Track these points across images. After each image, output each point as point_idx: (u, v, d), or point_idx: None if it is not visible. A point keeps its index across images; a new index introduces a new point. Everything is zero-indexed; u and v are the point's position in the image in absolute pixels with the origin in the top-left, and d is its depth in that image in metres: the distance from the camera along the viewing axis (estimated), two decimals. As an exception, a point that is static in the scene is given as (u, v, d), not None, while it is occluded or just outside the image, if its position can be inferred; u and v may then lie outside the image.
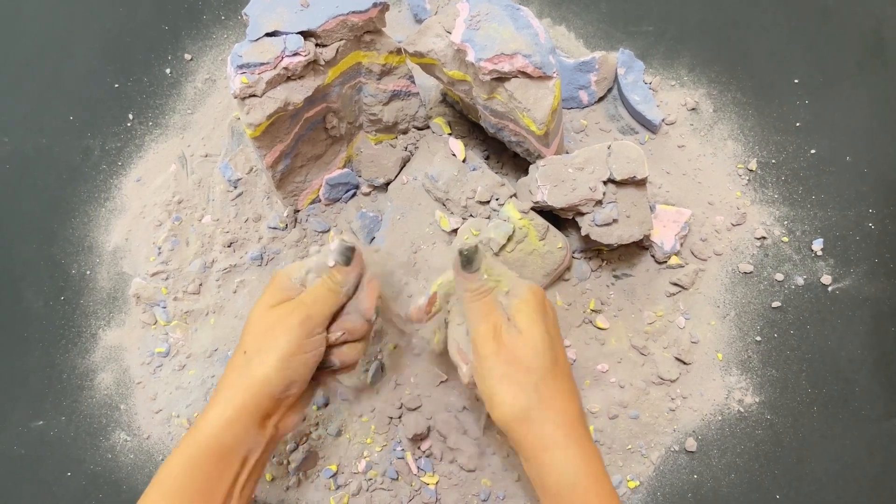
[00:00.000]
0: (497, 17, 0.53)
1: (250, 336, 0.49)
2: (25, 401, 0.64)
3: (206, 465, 0.46)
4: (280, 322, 0.48)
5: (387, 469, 0.59)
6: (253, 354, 0.48)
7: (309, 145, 0.62)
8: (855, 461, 0.59)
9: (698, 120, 0.70)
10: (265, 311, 0.49)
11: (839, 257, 0.65)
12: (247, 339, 0.49)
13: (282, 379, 0.47)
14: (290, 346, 0.47)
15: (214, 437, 0.46)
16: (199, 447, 0.46)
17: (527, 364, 0.46)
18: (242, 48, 0.53)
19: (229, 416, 0.46)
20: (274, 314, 0.49)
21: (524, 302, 0.48)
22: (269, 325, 0.48)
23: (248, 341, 0.48)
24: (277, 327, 0.48)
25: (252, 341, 0.48)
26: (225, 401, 0.47)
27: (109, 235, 0.69)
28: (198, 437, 0.46)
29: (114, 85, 0.74)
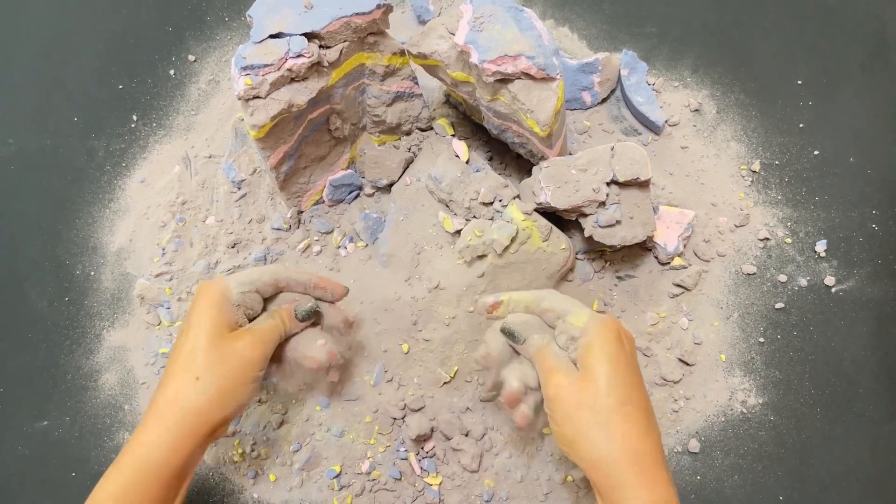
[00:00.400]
0: (500, 19, 0.53)
1: (203, 361, 0.48)
2: (30, 401, 0.64)
3: (151, 489, 0.46)
4: (237, 354, 0.49)
5: (390, 470, 0.59)
6: (208, 383, 0.48)
7: (312, 146, 0.62)
8: (858, 462, 0.59)
9: (701, 121, 0.70)
10: (219, 338, 0.49)
11: (842, 259, 0.65)
12: (198, 363, 0.48)
13: (237, 408, 0.49)
14: (246, 378, 0.49)
15: (163, 461, 0.46)
16: (143, 471, 0.46)
17: (592, 405, 0.45)
18: (246, 50, 0.53)
19: (178, 441, 0.47)
20: (230, 345, 0.49)
21: (590, 343, 0.47)
22: (225, 355, 0.49)
23: (200, 366, 0.48)
24: (234, 359, 0.49)
25: (207, 368, 0.48)
26: (174, 424, 0.47)
27: (113, 236, 0.69)
28: (142, 461, 0.46)
29: (118, 86, 0.74)
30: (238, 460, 0.60)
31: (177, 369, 0.48)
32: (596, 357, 0.46)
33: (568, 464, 0.59)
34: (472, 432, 0.59)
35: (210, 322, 0.49)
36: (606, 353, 0.46)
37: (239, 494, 0.60)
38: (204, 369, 0.48)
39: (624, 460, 0.44)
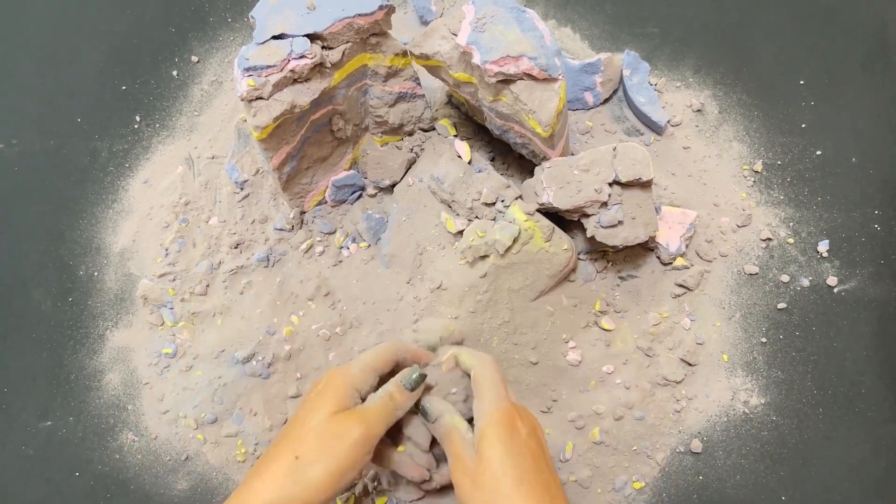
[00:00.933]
0: (503, 20, 0.53)
1: (309, 443, 0.48)
2: (34, 401, 0.64)
3: None
4: (342, 435, 0.48)
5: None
6: (309, 462, 0.47)
7: (315, 147, 0.62)
8: (860, 462, 0.59)
9: (704, 121, 0.70)
10: (327, 418, 0.49)
11: (845, 259, 0.65)
12: (305, 444, 0.48)
13: (335, 491, 0.48)
14: (348, 460, 0.48)
15: None
16: None
17: (488, 488, 0.47)
18: (249, 51, 0.54)
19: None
20: (336, 425, 0.48)
21: (483, 430, 0.49)
22: (331, 435, 0.48)
23: (305, 447, 0.47)
24: (339, 440, 0.48)
25: (310, 449, 0.48)
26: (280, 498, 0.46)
27: (117, 237, 0.69)
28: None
29: (121, 87, 0.74)
30: (241, 460, 0.61)
31: (282, 445, 0.48)
32: (488, 443, 0.48)
33: (570, 465, 0.59)
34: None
35: (321, 406, 0.49)
36: (498, 438, 0.48)
37: (242, 494, 0.60)
38: (306, 449, 0.48)
39: None
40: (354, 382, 0.51)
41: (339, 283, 0.64)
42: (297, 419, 0.50)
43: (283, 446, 0.48)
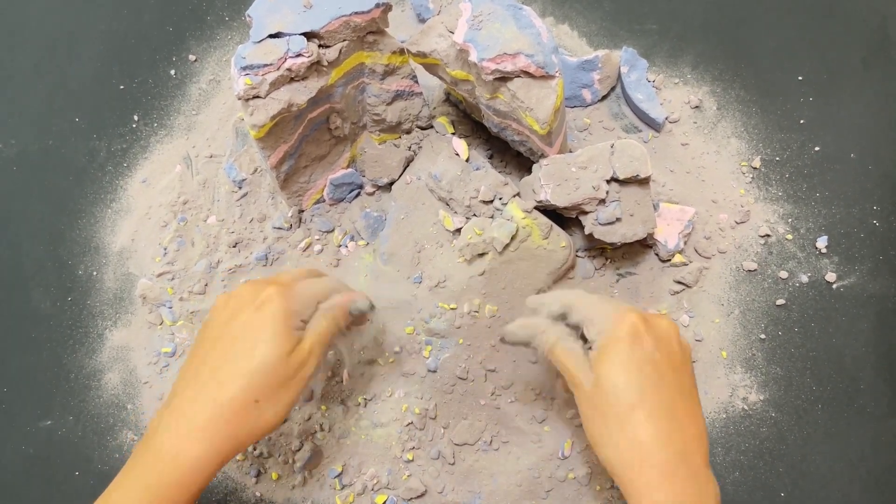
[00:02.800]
0: (500, 17, 0.53)
1: (267, 388, 0.46)
2: (33, 401, 0.65)
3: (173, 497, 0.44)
4: (297, 374, 0.47)
5: (390, 470, 0.59)
6: (267, 405, 0.46)
7: (313, 146, 0.62)
8: (859, 458, 0.59)
9: (702, 118, 0.70)
10: (284, 360, 0.46)
11: (843, 255, 0.65)
12: (262, 388, 0.46)
13: (280, 422, 0.47)
14: (299, 394, 0.48)
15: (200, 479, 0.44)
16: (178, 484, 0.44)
17: (603, 411, 0.44)
18: (246, 50, 0.53)
19: (221, 461, 0.45)
20: (292, 365, 0.47)
21: (602, 347, 0.45)
22: (286, 377, 0.47)
23: (263, 392, 0.46)
24: (293, 380, 0.47)
25: (270, 394, 0.46)
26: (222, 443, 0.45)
27: (116, 236, 0.69)
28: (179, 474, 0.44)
29: (119, 86, 0.74)
30: (240, 458, 0.61)
31: (236, 387, 0.45)
32: (605, 363, 0.45)
33: (569, 462, 0.59)
34: (481, 439, 0.59)
35: (277, 346, 0.46)
36: (614, 354, 0.45)
37: (241, 492, 0.60)
38: (267, 395, 0.46)
39: (635, 466, 0.43)
40: (302, 313, 0.48)
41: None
42: (247, 349, 0.46)
43: (237, 382, 0.45)
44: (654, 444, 0.43)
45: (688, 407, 0.45)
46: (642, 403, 0.44)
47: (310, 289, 0.50)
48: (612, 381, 0.44)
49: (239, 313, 0.48)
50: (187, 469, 0.44)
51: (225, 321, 0.48)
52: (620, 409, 0.44)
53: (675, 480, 0.43)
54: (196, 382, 0.46)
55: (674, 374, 0.45)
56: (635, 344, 0.45)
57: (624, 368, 0.44)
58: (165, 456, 0.44)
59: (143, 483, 0.44)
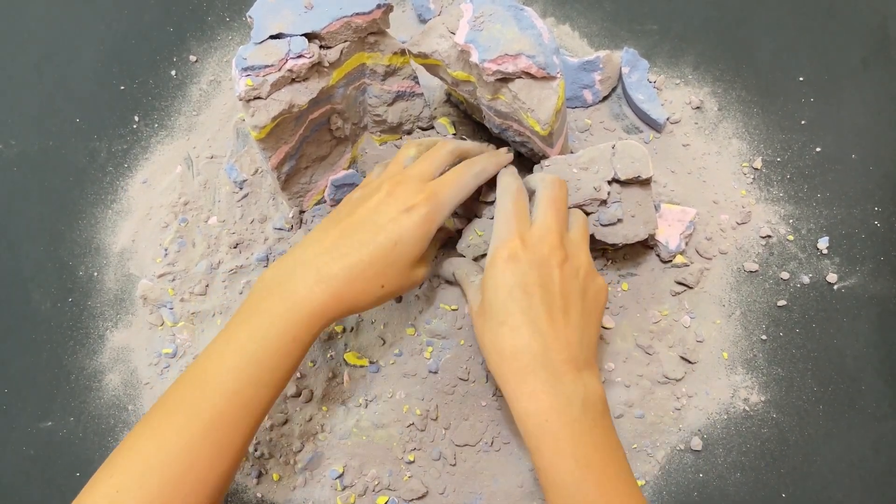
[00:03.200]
0: (501, 18, 0.53)
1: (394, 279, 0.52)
2: (34, 402, 0.64)
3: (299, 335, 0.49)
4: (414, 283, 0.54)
5: (391, 471, 0.59)
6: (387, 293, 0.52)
7: (314, 146, 0.62)
8: (860, 459, 0.59)
9: (703, 118, 0.70)
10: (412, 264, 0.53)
11: (845, 255, 0.65)
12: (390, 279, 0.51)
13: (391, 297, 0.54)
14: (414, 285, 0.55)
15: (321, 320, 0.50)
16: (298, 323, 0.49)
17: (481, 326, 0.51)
18: (247, 51, 0.53)
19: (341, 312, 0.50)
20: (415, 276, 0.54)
21: (486, 266, 0.51)
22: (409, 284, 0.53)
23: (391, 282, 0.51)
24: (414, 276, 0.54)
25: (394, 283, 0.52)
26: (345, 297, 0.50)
27: (116, 237, 0.69)
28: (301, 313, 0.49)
29: (119, 87, 0.74)
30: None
31: (374, 271, 0.50)
32: (484, 283, 0.51)
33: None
34: (482, 440, 0.59)
35: (418, 249, 0.52)
36: (492, 279, 0.50)
37: (242, 493, 0.60)
38: (391, 286, 0.52)
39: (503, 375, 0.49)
40: (441, 223, 0.53)
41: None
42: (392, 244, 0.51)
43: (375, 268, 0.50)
44: (512, 353, 0.48)
45: (556, 319, 0.49)
46: (507, 319, 0.48)
47: (455, 195, 0.53)
48: (487, 299, 0.50)
49: (387, 207, 0.52)
50: (313, 312, 0.49)
51: (373, 210, 0.52)
52: (492, 324, 0.49)
53: (532, 384, 0.47)
54: (338, 248, 0.51)
55: (543, 292, 0.49)
56: (508, 267, 0.49)
57: (495, 289, 0.49)
58: (296, 298, 0.49)
59: (269, 321, 0.48)
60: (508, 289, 0.49)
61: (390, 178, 0.53)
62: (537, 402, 0.46)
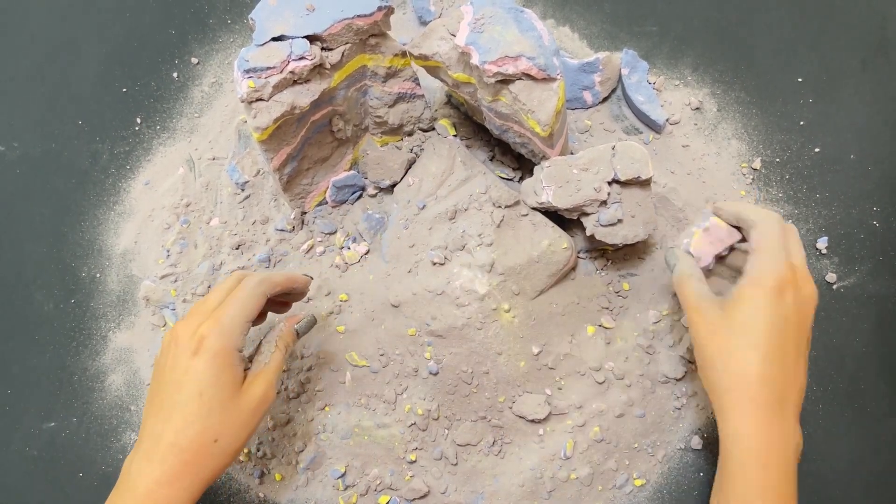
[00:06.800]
0: (501, 20, 0.53)
1: (222, 426, 0.48)
2: (37, 402, 0.65)
3: None
4: (256, 409, 0.50)
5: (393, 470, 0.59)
6: (229, 442, 0.48)
7: (315, 148, 0.62)
8: (860, 458, 0.59)
9: (702, 119, 0.70)
10: (234, 396, 0.49)
11: (844, 255, 0.65)
12: (218, 427, 0.48)
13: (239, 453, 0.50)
14: (257, 425, 0.50)
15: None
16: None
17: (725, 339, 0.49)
18: (249, 52, 0.54)
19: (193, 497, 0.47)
20: (246, 398, 0.49)
21: (742, 288, 0.50)
22: (243, 411, 0.49)
23: (220, 430, 0.48)
24: (253, 415, 0.49)
25: (226, 429, 0.48)
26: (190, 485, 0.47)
27: (118, 238, 0.70)
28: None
29: (122, 89, 0.75)
30: (244, 460, 0.61)
31: (192, 431, 0.47)
32: (746, 300, 0.49)
33: (571, 463, 0.59)
34: (483, 439, 0.60)
35: (221, 384, 0.48)
36: (760, 300, 0.49)
37: (245, 493, 0.61)
38: (225, 433, 0.48)
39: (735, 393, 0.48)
40: (238, 345, 0.49)
41: (341, 283, 0.64)
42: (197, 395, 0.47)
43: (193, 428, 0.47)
44: (758, 381, 0.48)
45: (799, 363, 0.49)
46: (761, 346, 0.48)
47: (239, 312, 0.50)
48: (744, 318, 0.49)
49: (179, 359, 0.48)
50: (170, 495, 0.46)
51: (170, 367, 0.49)
52: (741, 344, 0.48)
53: (765, 417, 0.47)
54: (157, 427, 0.48)
55: (796, 331, 0.49)
56: (779, 296, 0.49)
57: (761, 313, 0.48)
58: (142, 498, 0.46)
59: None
60: (772, 319, 0.48)
61: (173, 329, 0.50)
62: (762, 432, 0.47)
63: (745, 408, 0.48)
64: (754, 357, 0.48)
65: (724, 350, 0.49)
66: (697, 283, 0.52)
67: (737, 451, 0.47)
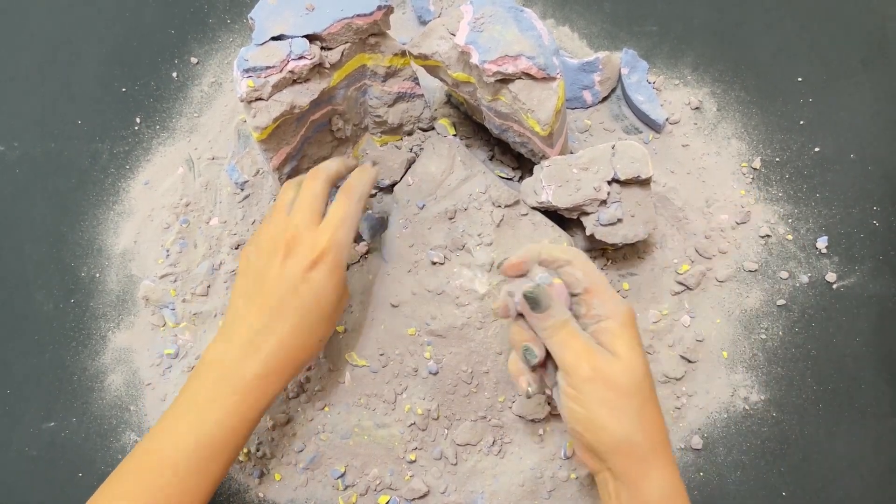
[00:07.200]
0: (501, 19, 0.53)
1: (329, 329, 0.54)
2: (37, 402, 0.65)
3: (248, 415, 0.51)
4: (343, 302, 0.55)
5: (393, 470, 0.59)
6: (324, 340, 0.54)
7: (315, 147, 0.62)
8: (860, 458, 0.59)
9: (702, 119, 0.70)
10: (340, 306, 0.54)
11: (844, 255, 0.65)
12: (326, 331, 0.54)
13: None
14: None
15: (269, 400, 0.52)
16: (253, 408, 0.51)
17: (628, 390, 0.46)
18: (248, 52, 0.54)
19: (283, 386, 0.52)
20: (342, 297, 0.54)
21: (620, 325, 0.47)
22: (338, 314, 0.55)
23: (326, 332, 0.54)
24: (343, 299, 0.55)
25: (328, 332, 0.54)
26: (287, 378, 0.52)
27: (118, 238, 0.70)
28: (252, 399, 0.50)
29: (121, 89, 0.75)
30: (243, 460, 0.61)
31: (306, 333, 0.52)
32: (629, 344, 0.47)
33: (571, 463, 0.59)
34: (483, 439, 0.60)
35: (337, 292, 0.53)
36: (636, 340, 0.48)
37: (244, 493, 0.61)
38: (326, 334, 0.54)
39: (650, 444, 0.46)
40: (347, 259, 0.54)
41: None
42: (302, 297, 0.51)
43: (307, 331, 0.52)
44: (661, 420, 0.47)
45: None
46: (653, 387, 0.48)
47: (350, 232, 0.54)
48: (640, 362, 0.47)
49: (294, 268, 0.52)
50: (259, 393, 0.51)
51: (282, 274, 0.52)
52: (646, 389, 0.47)
53: (671, 458, 0.47)
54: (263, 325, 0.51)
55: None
56: (639, 333, 0.48)
57: (642, 355, 0.47)
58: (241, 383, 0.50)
59: (218, 405, 0.50)
60: (645, 356, 0.48)
61: (282, 234, 0.53)
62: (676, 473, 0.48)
63: (665, 461, 0.46)
64: (651, 408, 0.47)
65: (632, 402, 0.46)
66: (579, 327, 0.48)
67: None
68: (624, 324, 0.47)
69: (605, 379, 0.46)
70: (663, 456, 0.46)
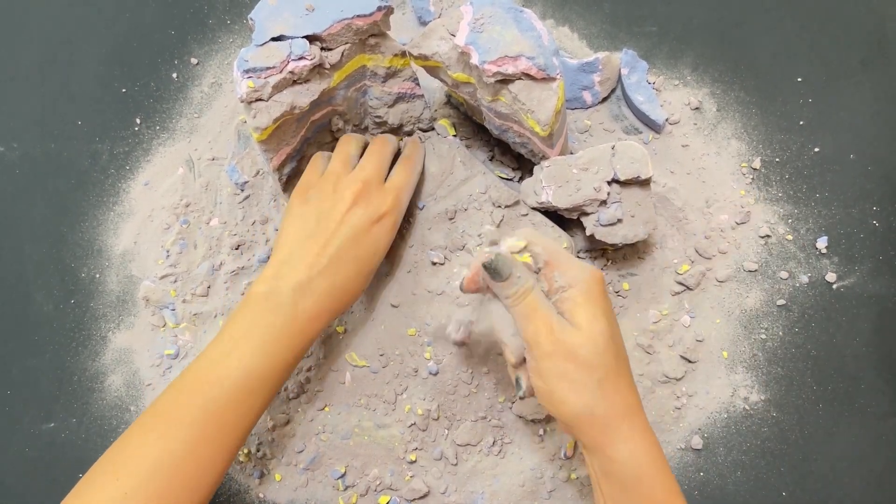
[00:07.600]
0: (501, 20, 0.53)
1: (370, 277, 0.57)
2: (37, 403, 0.65)
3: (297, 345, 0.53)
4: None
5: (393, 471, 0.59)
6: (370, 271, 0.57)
7: (315, 148, 0.62)
8: (860, 458, 0.59)
9: (702, 119, 0.70)
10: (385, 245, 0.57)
11: (844, 255, 0.65)
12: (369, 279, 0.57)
13: None
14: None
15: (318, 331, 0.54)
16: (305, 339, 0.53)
17: (588, 362, 0.44)
18: (248, 53, 0.54)
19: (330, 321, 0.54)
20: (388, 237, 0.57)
21: (582, 294, 0.46)
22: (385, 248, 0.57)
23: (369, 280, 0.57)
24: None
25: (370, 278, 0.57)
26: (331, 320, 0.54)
27: (118, 239, 0.70)
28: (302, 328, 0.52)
29: (121, 90, 0.75)
30: (244, 460, 0.61)
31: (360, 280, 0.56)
32: (589, 311, 0.45)
33: (571, 463, 0.59)
34: (483, 440, 0.60)
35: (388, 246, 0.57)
36: (600, 305, 0.46)
37: (245, 494, 0.61)
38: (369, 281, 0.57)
39: (614, 414, 0.45)
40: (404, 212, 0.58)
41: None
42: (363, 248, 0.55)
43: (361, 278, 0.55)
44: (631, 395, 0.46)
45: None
46: (620, 354, 0.46)
47: (408, 196, 0.58)
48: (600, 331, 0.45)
49: (361, 218, 0.55)
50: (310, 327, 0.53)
51: (345, 222, 0.54)
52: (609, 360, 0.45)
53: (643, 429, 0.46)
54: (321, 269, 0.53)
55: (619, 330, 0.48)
56: (608, 298, 0.47)
57: (609, 320, 0.46)
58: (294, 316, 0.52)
59: (270, 337, 0.51)
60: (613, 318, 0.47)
61: (351, 184, 0.56)
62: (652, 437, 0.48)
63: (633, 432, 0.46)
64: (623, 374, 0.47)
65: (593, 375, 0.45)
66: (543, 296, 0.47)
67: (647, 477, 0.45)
68: (586, 292, 0.46)
69: (566, 352, 0.45)
70: (631, 424, 0.45)
